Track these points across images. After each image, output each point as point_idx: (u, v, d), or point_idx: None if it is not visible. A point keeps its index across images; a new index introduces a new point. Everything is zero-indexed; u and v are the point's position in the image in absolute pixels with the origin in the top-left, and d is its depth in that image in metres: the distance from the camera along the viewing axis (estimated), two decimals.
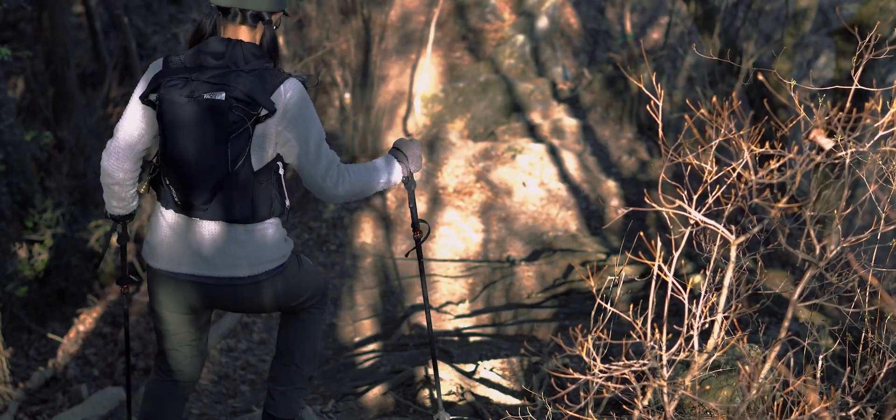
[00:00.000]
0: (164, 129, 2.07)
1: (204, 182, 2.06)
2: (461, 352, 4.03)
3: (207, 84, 2.02)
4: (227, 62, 2.06)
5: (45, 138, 7.52)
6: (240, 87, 2.01)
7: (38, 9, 9.21)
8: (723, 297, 1.84)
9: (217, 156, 2.04)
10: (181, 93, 2.02)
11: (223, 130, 2.02)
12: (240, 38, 2.10)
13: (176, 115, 2.04)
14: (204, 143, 2.04)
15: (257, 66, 2.08)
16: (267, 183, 2.14)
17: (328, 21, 8.61)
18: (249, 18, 2.10)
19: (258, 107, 2.02)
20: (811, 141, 1.74)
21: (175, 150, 2.07)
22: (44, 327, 6.90)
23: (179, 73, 2.06)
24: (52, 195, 7.63)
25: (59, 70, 9.29)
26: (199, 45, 2.12)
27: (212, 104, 2.01)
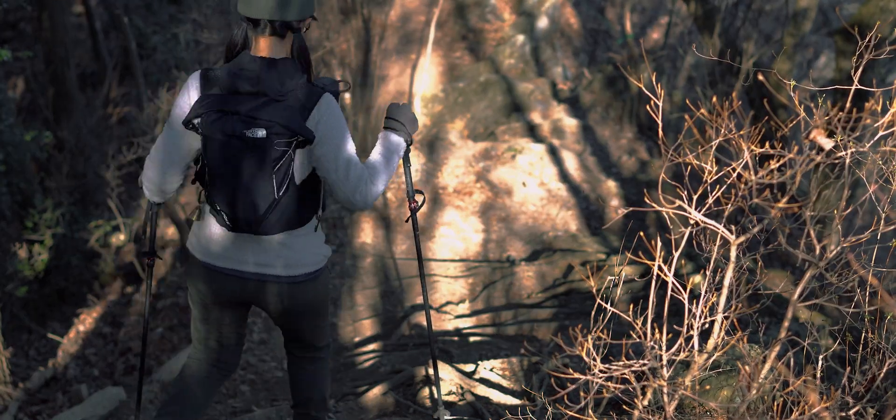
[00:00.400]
0: (209, 161, 2.13)
1: (252, 210, 2.13)
2: (461, 352, 4.03)
3: (248, 119, 2.05)
4: (264, 89, 2.08)
5: (45, 138, 7.52)
6: (279, 121, 2.05)
7: (38, 9, 9.21)
8: (723, 297, 1.84)
9: (263, 187, 2.11)
10: (223, 130, 2.06)
11: (267, 165, 2.08)
12: (271, 54, 2.13)
13: (219, 152, 2.09)
14: (250, 178, 2.10)
15: (292, 86, 2.10)
16: (309, 190, 2.23)
17: (328, 21, 8.61)
18: (279, 28, 2.12)
19: (296, 135, 2.07)
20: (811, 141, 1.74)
21: (222, 182, 2.13)
22: (44, 327, 6.90)
23: (217, 106, 2.08)
24: (52, 195, 7.63)
25: (59, 70, 9.29)
26: (231, 64, 2.14)
27: (254, 142, 2.06)
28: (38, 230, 6.87)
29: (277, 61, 2.11)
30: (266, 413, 3.38)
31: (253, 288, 2.28)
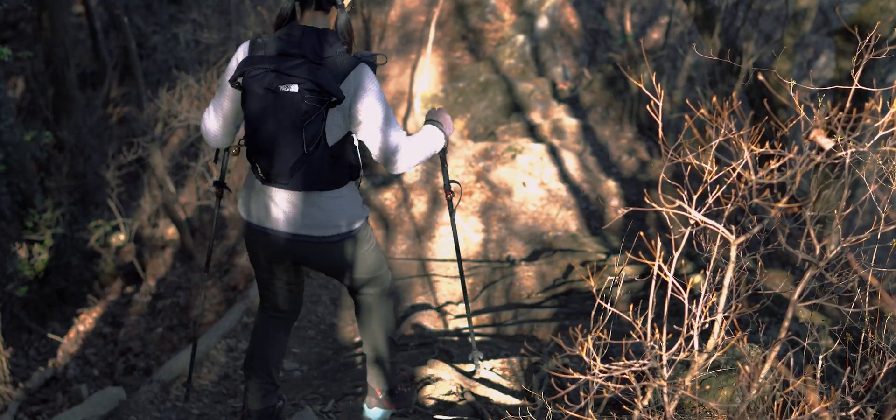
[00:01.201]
0: (247, 115, 2.34)
1: (283, 163, 2.31)
2: (461, 352, 4.03)
3: (283, 76, 2.25)
4: (303, 52, 2.27)
5: (45, 138, 7.52)
6: (312, 79, 2.23)
7: (38, 9, 9.21)
8: (723, 297, 1.84)
9: (293, 140, 2.29)
10: (261, 84, 2.27)
11: (297, 118, 2.26)
12: (316, 25, 2.33)
13: (256, 104, 2.29)
14: (281, 130, 2.28)
15: (331, 53, 2.29)
16: (342, 154, 2.39)
17: None
18: (324, 4, 2.32)
19: (329, 95, 2.24)
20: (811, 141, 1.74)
21: (256, 135, 2.33)
22: (44, 327, 6.90)
23: (260, 64, 2.28)
24: (52, 195, 7.63)
25: (59, 70, 9.28)
26: (279, 32, 2.34)
27: (286, 95, 2.25)
28: (38, 230, 6.87)
29: (319, 30, 2.30)
30: None
31: (288, 245, 2.46)
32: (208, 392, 4.21)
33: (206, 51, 10.44)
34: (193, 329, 4.11)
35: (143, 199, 7.80)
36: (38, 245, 6.57)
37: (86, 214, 8.20)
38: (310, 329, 5.17)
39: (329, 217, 2.42)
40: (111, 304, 7.15)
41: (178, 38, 10.58)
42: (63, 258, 7.35)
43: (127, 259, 7.85)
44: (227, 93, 2.42)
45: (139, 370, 5.55)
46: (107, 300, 7.29)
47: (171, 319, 6.18)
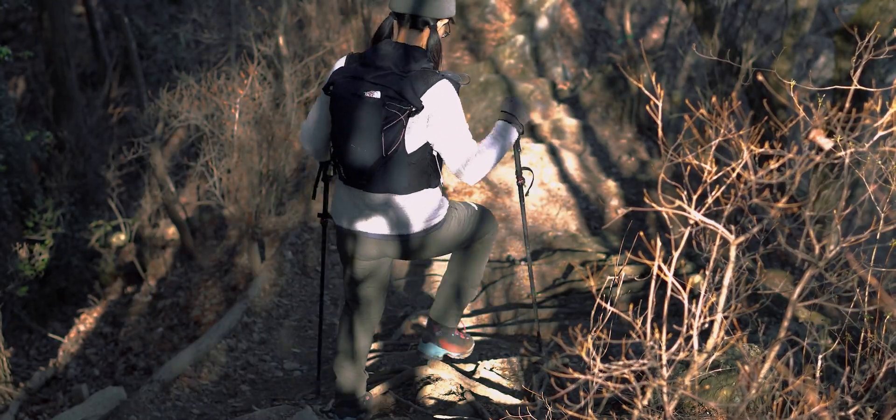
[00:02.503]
0: (334, 118, 2.56)
1: (362, 164, 2.52)
2: None
3: (369, 83, 2.46)
4: (391, 64, 2.50)
5: (45, 138, 7.52)
6: (394, 88, 2.44)
7: (39, 9, 9.21)
8: (722, 297, 1.84)
9: (373, 143, 2.48)
10: (348, 89, 2.49)
11: (378, 123, 2.46)
12: (409, 42, 2.55)
13: (342, 108, 2.52)
14: (362, 133, 2.49)
15: (416, 67, 2.49)
16: (421, 161, 2.57)
17: (328, 21, 8.61)
18: (419, 24, 2.54)
19: (409, 104, 2.43)
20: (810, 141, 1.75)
21: (340, 136, 2.55)
22: (44, 327, 6.90)
23: (349, 73, 2.52)
24: (53, 195, 7.63)
25: (60, 70, 9.29)
26: (375, 45, 2.57)
27: (369, 101, 2.46)
28: (39, 230, 6.87)
29: (408, 46, 2.52)
30: (266, 413, 3.39)
31: (370, 243, 2.67)
32: (208, 392, 4.21)
33: (206, 51, 10.44)
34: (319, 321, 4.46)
35: (144, 199, 7.81)
36: (39, 245, 6.57)
37: (86, 214, 8.20)
38: (310, 329, 5.18)
39: (405, 218, 2.62)
40: (112, 304, 7.16)
41: (179, 39, 10.58)
42: (63, 258, 7.35)
43: (127, 259, 7.85)
44: (321, 99, 2.65)
45: (140, 370, 5.55)
46: (107, 300, 7.29)
47: (171, 319, 6.18)
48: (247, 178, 5.50)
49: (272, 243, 6.35)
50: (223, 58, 9.60)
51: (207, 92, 5.45)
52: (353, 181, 2.58)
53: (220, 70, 6.84)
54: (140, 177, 8.88)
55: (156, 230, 7.97)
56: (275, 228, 6.56)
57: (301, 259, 6.08)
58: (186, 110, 5.60)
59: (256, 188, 5.63)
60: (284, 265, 5.87)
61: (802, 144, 1.90)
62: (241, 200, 5.53)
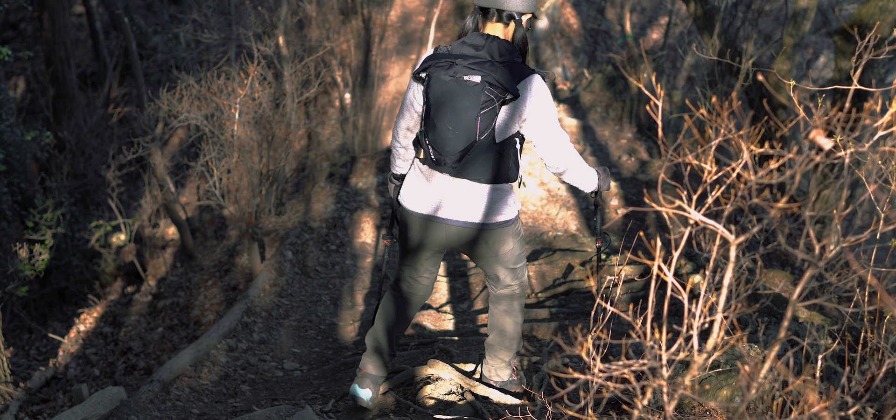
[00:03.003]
0: (430, 99, 2.63)
1: (456, 145, 2.59)
2: (461, 352, 4.03)
3: (467, 68, 2.56)
4: (484, 54, 2.61)
5: (45, 138, 7.52)
6: (493, 74, 2.54)
7: (39, 9, 9.22)
8: (722, 297, 1.84)
9: (468, 126, 2.57)
10: (446, 73, 2.59)
11: (475, 106, 2.55)
12: (495, 35, 2.66)
13: (439, 89, 2.60)
14: (459, 115, 2.57)
15: (508, 59, 2.60)
16: (506, 153, 2.67)
17: (328, 21, 8.61)
18: (504, 18, 2.65)
19: (506, 91, 2.55)
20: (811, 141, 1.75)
21: (436, 117, 2.61)
22: (44, 327, 6.91)
23: (446, 58, 2.61)
24: (53, 195, 7.63)
25: (60, 70, 9.29)
26: (464, 37, 2.68)
27: (468, 84, 2.56)
28: (39, 230, 6.87)
29: (498, 38, 2.64)
30: (266, 413, 3.39)
31: (446, 230, 2.76)
32: (208, 392, 4.21)
33: (206, 51, 10.44)
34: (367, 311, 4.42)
35: (144, 199, 7.81)
36: (39, 245, 6.57)
37: (86, 214, 8.21)
38: (310, 329, 5.18)
39: (487, 207, 2.70)
40: (112, 304, 7.16)
41: (179, 39, 10.58)
42: (64, 258, 7.36)
43: (127, 259, 7.85)
44: (410, 87, 2.76)
45: (140, 370, 5.55)
46: (107, 300, 7.29)
47: (171, 319, 6.18)
48: (247, 178, 5.50)
49: (272, 243, 6.35)
50: (223, 58, 9.60)
51: (207, 92, 5.45)
52: (440, 165, 2.65)
53: (220, 70, 6.84)
54: (140, 177, 8.88)
55: (156, 230, 7.97)
56: (275, 228, 6.56)
57: (301, 259, 6.08)
58: (186, 110, 5.60)
59: (256, 188, 5.63)
60: (284, 265, 5.87)
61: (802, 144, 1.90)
62: (241, 200, 5.53)
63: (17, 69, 11.46)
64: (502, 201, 2.73)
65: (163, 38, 11.03)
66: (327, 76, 8.68)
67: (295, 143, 7.88)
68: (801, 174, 1.68)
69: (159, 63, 11.02)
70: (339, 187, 7.34)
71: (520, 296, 3.00)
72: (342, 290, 5.76)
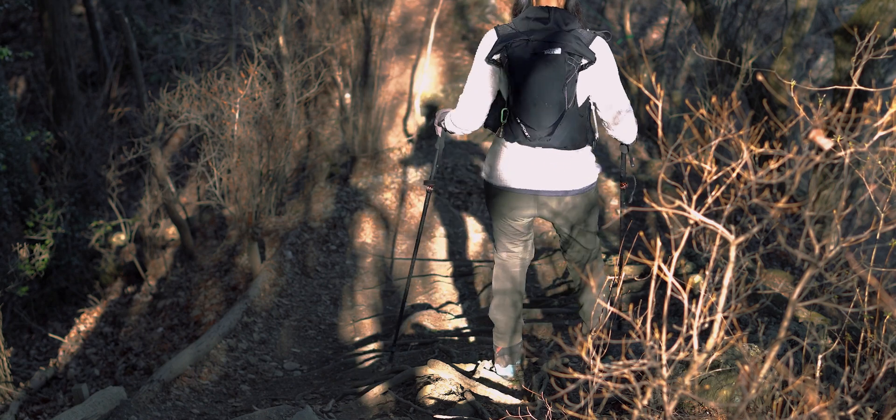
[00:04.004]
0: (516, 80, 2.69)
1: (549, 118, 2.69)
2: (461, 352, 4.03)
3: (544, 43, 2.64)
4: (552, 26, 2.66)
5: (45, 138, 7.53)
6: (570, 44, 2.62)
7: (39, 9, 9.22)
8: (722, 297, 1.84)
9: (557, 98, 2.67)
10: (526, 51, 2.65)
11: (561, 78, 2.65)
12: (551, 5, 2.72)
13: (524, 68, 2.66)
14: (549, 89, 2.66)
15: (573, 25, 2.68)
16: (585, 115, 2.79)
17: (328, 21, 8.61)
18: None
19: (582, 58, 2.63)
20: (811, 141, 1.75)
21: (527, 95, 2.68)
22: (44, 327, 6.91)
23: (519, 36, 2.67)
24: (53, 195, 7.63)
25: (60, 70, 9.30)
26: (525, 13, 2.73)
27: (551, 57, 2.64)
28: (39, 230, 6.87)
29: (558, 8, 2.71)
30: (266, 413, 3.39)
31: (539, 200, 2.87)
32: (208, 392, 4.22)
33: (206, 51, 10.44)
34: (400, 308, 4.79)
35: (144, 199, 7.81)
36: (39, 245, 6.57)
37: (86, 214, 8.21)
38: (310, 329, 5.18)
39: (579, 171, 2.82)
40: (112, 304, 7.16)
41: (179, 39, 10.58)
42: (64, 258, 7.36)
43: (127, 259, 7.85)
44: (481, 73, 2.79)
45: (140, 370, 5.55)
46: (107, 300, 7.29)
47: (171, 319, 6.18)
48: (247, 178, 5.50)
49: (272, 243, 6.35)
50: (223, 58, 9.60)
51: (207, 92, 5.45)
52: (533, 139, 2.73)
53: (220, 70, 6.84)
54: (140, 177, 8.89)
55: (156, 230, 7.97)
56: (275, 228, 6.56)
57: (301, 259, 6.08)
58: (186, 110, 5.60)
59: (256, 188, 5.63)
60: (284, 265, 5.87)
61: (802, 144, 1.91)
62: (241, 200, 5.53)
63: (17, 69, 11.46)
64: (588, 164, 2.86)
65: (163, 38, 11.04)
66: (327, 76, 8.68)
67: (295, 143, 7.87)
68: (801, 174, 1.68)
69: (159, 63, 11.02)
70: (339, 187, 7.34)
71: (599, 254, 3.19)
72: (342, 290, 5.76)
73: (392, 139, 8.66)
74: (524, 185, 2.85)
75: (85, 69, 11.62)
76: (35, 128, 8.48)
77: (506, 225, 3.05)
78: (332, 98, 9.36)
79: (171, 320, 6.17)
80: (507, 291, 3.22)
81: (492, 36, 2.77)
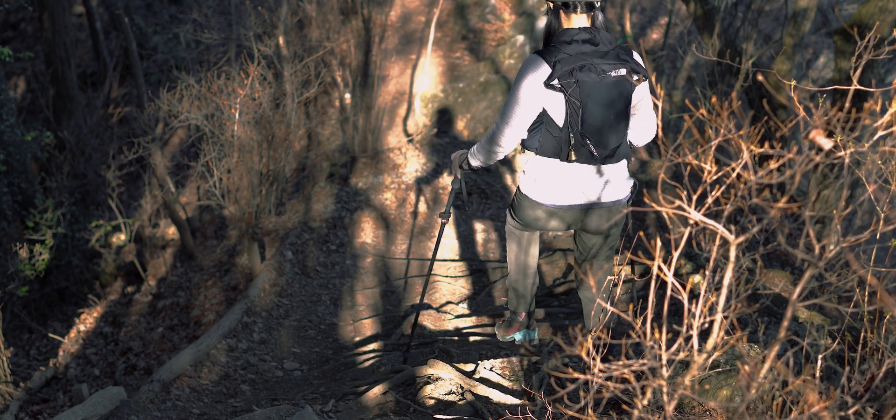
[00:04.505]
0: (586, 104, 2.70)
1: (616, 138, 2.76)
2: (461, 352, 4.03)
3: (606, 64, 2.67)
4: (601, 48, 2.70)
5: (45, 138, 7.53)
6: (628, 62, 2.68)
7: (40, 9, 9.22)
8: (722, 297, 1.84)
9: (623, 117, 2.75)
10: (591, 75, 2.66)
11: (627, 97, 2.72)
12: (585, 25, 2.75)
13: (591, 91, 2.68)
14: (616, 110, 2.72)
15: (613, 43, 2.73)
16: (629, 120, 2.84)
17: (328, 21, 8.61)
18: (585, 7, 2.76)
19: (637, 74, 2.70)
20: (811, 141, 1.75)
21: (597, 118, 2.71)
22: (44, 327, 6.91)
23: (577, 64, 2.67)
24: (53, 195, 7.63)
25: (60, 70, 9.30)
26: (564, 36, 2.73)
27: (617, 79, 2.69)
28: (39, 230, 6.87)
29: (595, 28, 2.75)
30: (266, 413, 3.39)
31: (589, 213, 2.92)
32: (208, 392, 4.22)
33: (206, 51, 10.44)
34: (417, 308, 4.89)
35: (144, 199, 7.81)
36: (39, 245, 6.57)
37: (86, 214, 8.21)
38: (310, 329, 5.18)
39: (624, 182, 2.90)
40: (112, 304, 7.16)
41: (179, 39, 10.59)
42: (64, 258, 7.36)
43: (127, 259, 7.85)
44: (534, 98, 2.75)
45: (140, 370, 5.55)
46: (107, 300, 7.29)
47: (171, 319, 6.18)
48: (247, 178, 5.50)
49: (272, 243, 6.35)
50: (223, 58, 9.60)
51: (208, 92, 5.45)
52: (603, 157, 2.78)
53: (220, 70, 6.84)
54: (140, 177, 8.89)
55: (156, 230, 7.97)
56: (275, 228, 6.56)
57: (301, 259, 6.08)
58: (186, 110, 5.60)
59: (256, 188, 5.63)
60: (284, 265, 5.87)
61: (802, 144, 1.91)
62: (242, 200, 5.53)
63: (17, 69, 11.46)
64: (628, 175, 2.94)
65: (163, 38, 11.04)
66: (327, 76, 8.68)
67: (295, 143, 7.87)
68: (800, 174, 1.68)
69: (159, 63, 11.02)
70: (339, 187, 7.34)
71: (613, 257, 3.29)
72: (342, 290, 5.76)
73: (392, 139, 8.66)
74: (581, 200, 2.88)
75: (85, 69, 11.62)
76: (35, 128, 8.49)
77: (538, 229, 3.13)
78: (332, 98, 9.36)
79: (171, 320, 6.17)
80: (526, 266, 3.30)
81: (537, 60, 2.74)
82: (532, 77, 2.73)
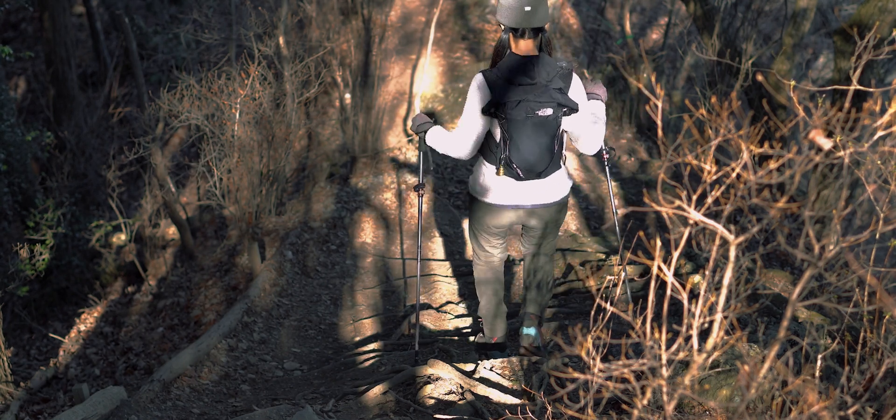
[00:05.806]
0: (512, 137, 3.08)
1: (541, 165, 3.15)
2: (461, 352, 4.03)
3: (536, 103, 3.02)
4: (540, 82, 3.03)
5: (46, 138, 7.53)
6: (556, 99, 3.03)
7: (40, 9, 9.22)
8: (722, 297, 1.84)
9: (551, 150, 3.14)
10: (520, 112, 3.03)
11: (552, 133, 3.10)
12: (530, 51, 3.09)
13: (520, 128, 3.06)
14: (540, 143, 3.09)
15: (554, 77, 3.05)
16: (562, 144, 3.22)
17: (328, 21, 8.62)
18: (532, 33, 3.08)
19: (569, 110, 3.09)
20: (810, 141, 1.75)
21: (523, 149, 3.09)
22: (45, 327, 6.91)
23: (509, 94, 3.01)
24: (54, 195, 7.64)
25: (61, 70, 9.30)
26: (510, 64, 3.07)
27: (544, 119, 3.06)
28: (40, 230, 6.88)
29: (541, 57, 3.06)
30: (266, 413, 3.39)
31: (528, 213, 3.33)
32: (208, 392, 4.22)
33: (206, 51, 10.44)
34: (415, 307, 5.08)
35: (144, 198, 7.81)
36: (40, 245, 6.57)
37: (87, 214, 8.21)
38: (310, 329, 5.18)
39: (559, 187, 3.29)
40: (112, 304, 7.16)
41: (179, 39, 10.59)
42: (64, 258, 7.36)
43: (128, 259, 7.85)
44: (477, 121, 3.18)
45: (140, 369, 5.56)
46: (108, 300, 7.30)
47: (171, 319, 6.19)
48: (247, 178, 5.50)
49: (272, 243, 6.35)
50: (224, 58, 9.60)
51: (208, 92, 5.45)
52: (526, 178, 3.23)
53: (220, 70, 6.84)
54: (140, 177, 8.89)
55: (156, 230, 7.97)
56: (275, 228, 6.57)
57: (301, 259, 6.09)
58: (187, 110, 5.60)
59: (257, 188, 5.64)
60: (284, 265, 5.87)
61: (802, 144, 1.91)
62: (242, 200, 5.53)
63: (17, 69, 11.47)
64: (565, 181, 3.32)
65: (163, 38, 11.04)
66: (327, 76, 8.68)
67: (295, 143, 7.87)
68: (800, 174, 1.68)
69: (159, 63, 11.03)
70: (339, 187, 7.35)
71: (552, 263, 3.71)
72: (342, 290, 5.76)
73: (392, 139, 8.66)
74: (516, 201, 3.28)
75: (85, 69, 11.63)
76: (35, 128, 8.49)
77: (490, 232, 3.46)
78: (332, 98, 9.37)
79: (172, 320, 6.17)
80: (490, 282, 3.64)
81: (483, 84, 3.10)
82: (474, 99, 3.12)
